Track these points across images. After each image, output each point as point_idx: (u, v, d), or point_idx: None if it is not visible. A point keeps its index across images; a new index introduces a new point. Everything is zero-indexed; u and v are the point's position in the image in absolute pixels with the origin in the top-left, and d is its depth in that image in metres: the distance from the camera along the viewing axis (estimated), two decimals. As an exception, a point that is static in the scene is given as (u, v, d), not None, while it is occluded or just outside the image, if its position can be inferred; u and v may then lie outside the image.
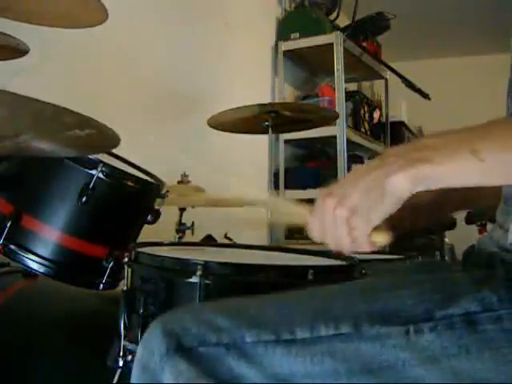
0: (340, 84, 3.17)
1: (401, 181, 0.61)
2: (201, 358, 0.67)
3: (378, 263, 1.35)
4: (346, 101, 3.27)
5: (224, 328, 0.68)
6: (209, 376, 0.66)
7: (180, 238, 1.82)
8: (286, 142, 3.34)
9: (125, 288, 1.01)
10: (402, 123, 4.42)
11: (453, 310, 0.65)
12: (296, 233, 3.52)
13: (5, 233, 1.16)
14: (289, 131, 2.60)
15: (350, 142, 3.18)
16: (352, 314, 0.68)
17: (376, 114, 3.79)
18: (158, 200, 1.33)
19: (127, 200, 1.26)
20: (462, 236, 3.16)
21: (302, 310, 0.71)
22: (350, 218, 0.64)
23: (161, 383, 0.67)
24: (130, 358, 0.97)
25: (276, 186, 3.35)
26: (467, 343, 0.64)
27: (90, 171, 1.16)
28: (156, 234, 1.34)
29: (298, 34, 3.34)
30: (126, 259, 1.01)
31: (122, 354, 0.97)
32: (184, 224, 1.83)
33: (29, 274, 1.34)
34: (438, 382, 0.65)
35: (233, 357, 0.67)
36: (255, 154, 3.10)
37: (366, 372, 0.66)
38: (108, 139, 1.01)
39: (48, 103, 0.83)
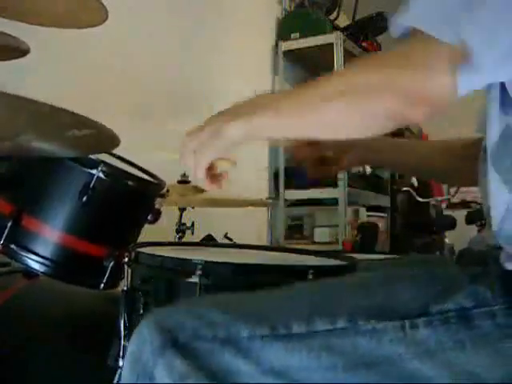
0: (340, 84, 3.17)
1: (233, 128, 0.77)
2: (196, 353, 0.66)
3: (377, 263, 1.34)
4: (346, 101, 3.27)
5: (219, 322, 0.68)
6: (204, 371, 0.65)
7: (180, 238, 1.81)
8: (286, 141, 3.33)
9: (125, 288, 1.01)
10: (401, 123, 4.42)
11: (448, 305, 0.66)
12: (296, 233, 3.53)
13: (5, 233, 1.15)
14: (289, 131, 2.59)
15: (350, 142, 3.17)
16: (348, 309, 0.68)
17: (376, 114, 3.78)
18: (159, 199, 1.34)
19: (128, 200, 1.26)
20: (461, 236, 3.16)
21: (298, 305, 0.71)
22: (196, 150, 0.80)
23: (153, 377, 0.66)
24: (130, 358, 0.97)
25: (276, 186, 3.35)
26: (462, 338, 0.65)
27: (91, 171, 1.16)
28: (156, 234, 1.34)
29: (297, 34, 3.34)
30: (126, 259, 1.01)
31: (122, 354, 0.97)
32: (184, 224, 1.82)
33: (29, 273, 1.34)
34: (434, 374, 0.65)
35: (228, 351, 0.67)
36: (255, 153, 3.10)
37: (362, 366, 0.66)
38: (107, 140, 1.01)
39: (47, 103, 0.83)
